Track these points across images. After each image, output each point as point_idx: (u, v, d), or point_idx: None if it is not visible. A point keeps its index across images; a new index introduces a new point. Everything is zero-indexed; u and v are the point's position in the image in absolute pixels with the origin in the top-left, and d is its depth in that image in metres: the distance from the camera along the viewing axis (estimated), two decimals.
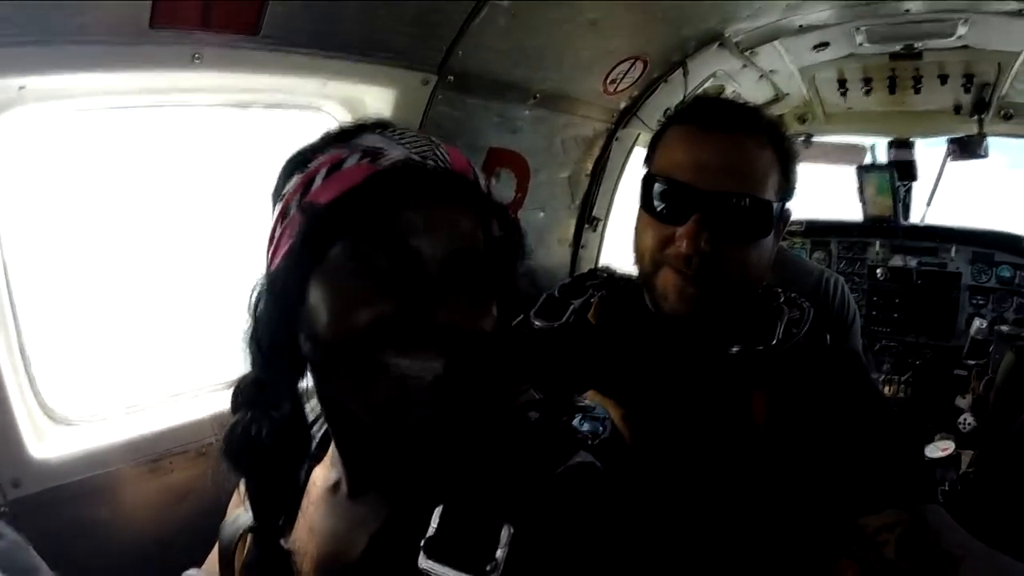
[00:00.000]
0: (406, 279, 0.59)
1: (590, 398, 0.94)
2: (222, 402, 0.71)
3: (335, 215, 0.60)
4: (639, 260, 1.05)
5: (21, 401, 1.06)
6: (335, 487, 0.72)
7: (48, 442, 1.09)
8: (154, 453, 1.18)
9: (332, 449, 0.74)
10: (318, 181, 0.62)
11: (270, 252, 0.66)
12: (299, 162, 0.66)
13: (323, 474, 0.75)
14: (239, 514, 0.78)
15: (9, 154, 1.11)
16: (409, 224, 0.59)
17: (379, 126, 0.67)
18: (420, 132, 0.68)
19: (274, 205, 0.67)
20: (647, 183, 1.02)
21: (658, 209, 1.00)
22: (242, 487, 0.82)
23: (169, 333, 1.40)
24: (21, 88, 1.00)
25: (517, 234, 0.68)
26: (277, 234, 0.65)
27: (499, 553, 0.57)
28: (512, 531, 0.59)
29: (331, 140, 0.67)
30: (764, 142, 0.99)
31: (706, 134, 0.98)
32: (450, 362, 0.59)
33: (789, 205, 1.05)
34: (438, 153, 0.64)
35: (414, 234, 0.59)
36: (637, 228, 1.05)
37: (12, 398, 1.04)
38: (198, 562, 0.86)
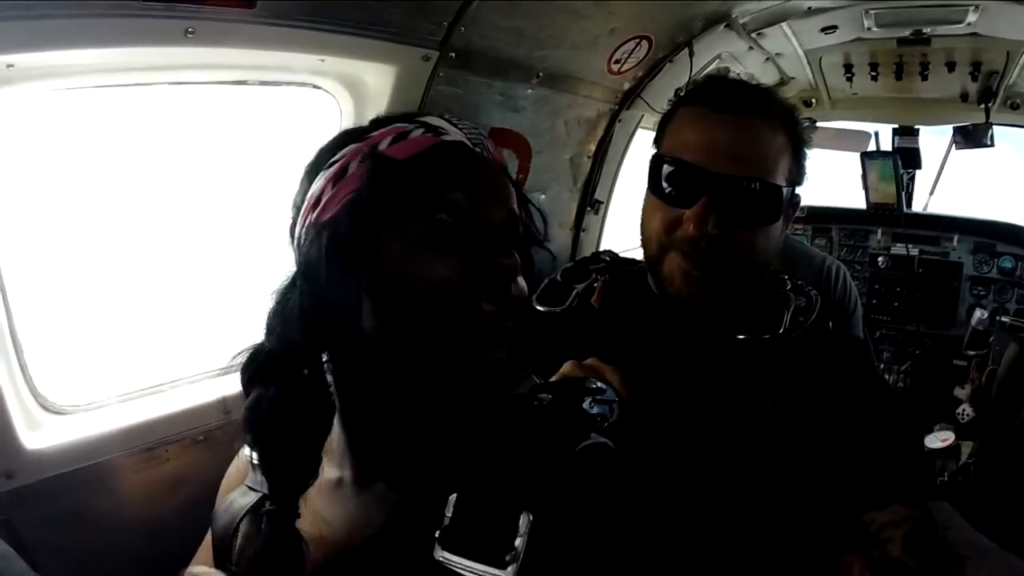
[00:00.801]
0: (480, 232, 0.64)
1: (591, 364, 0.92)
2: (219, 389, 0.69)
3: (413, 168, 0.64)
4: (646, 243, 1.03)
5: (13, 390, 1.03)
6: (338, 482, 0.70)
7: (42, 432, 1.06)
8: (150, 441, 1.15)
9: (335, 440, 0.71)
10: (384, 145, 0.66)
11: (316, 211, 0.67)
12: (353, 135, 0.70)
13: (326, 467, 0.72)
14: (232, 499, 0.75)
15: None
16: (476, 186, 0.66)
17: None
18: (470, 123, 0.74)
19: (311, 178, 0.69)
20: (655, 165, 1.00)
21: (666, 191, 0.98)
22: (231, 471, 0.80)
23: (164, 318, 1.37)
24: (9, 67, 0.96)
25: (535, 223, 0.75)
26: (328, 194, 0.66)
27: (518, 542, 0.57)
28: (531, 518, 0.57)
29: (382, 122, 0.71)
30: (777, 125, 0.97)
31: (718, 115, 0.96)
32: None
33: (798, 191, 1.03)
34: (485, 143, 0.72)
35: (480, 195, 0.66)
36: (644, 211, 1.04)
37: (4, 387, 1.01)
38: (195, 550, 0.84)
